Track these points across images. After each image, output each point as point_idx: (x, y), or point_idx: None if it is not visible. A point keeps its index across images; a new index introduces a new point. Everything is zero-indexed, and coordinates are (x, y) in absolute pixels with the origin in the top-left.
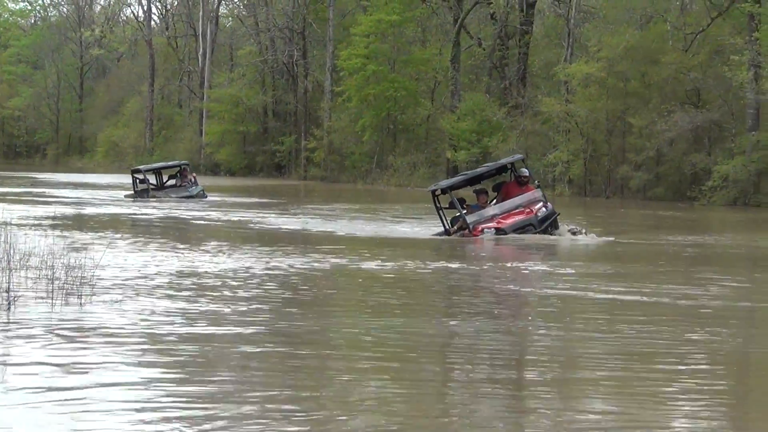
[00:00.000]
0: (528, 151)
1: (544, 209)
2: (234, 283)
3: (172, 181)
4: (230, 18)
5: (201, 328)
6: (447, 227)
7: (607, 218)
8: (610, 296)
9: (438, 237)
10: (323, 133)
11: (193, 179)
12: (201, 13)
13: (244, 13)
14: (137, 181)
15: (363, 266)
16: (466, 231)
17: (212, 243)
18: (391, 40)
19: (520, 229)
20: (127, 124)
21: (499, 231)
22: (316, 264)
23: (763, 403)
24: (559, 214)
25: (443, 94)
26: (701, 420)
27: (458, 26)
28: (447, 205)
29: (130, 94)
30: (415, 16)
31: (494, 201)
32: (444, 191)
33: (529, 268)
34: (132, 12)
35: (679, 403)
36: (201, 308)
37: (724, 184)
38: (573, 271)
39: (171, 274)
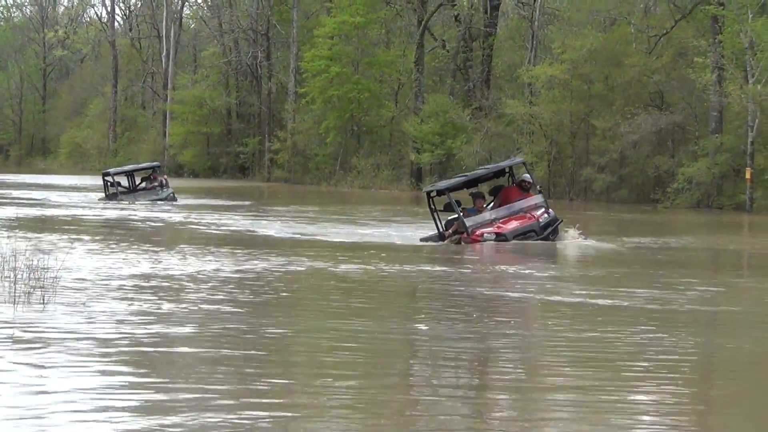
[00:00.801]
0: (492, 153)
1: (546, 215)
2: (199, 286)
3: (144, 184)
4: (194, 19)
5: (164, 330)
6: (441, 231)
7: (572, 222)
8: (583, 300)
9: (428, 242)
10: (287, 135)
11: (164, 181)
12: (164, 14)
13: (207, 14)
14: (108, 184)
15: (346, 272)
16: (464, 235)
17: (180, 246)
18: (354, 42)
19: (522, 235)
20: (91, 125)
21: (499, 236)
22: (295, 267)
23: (726, 407)
24: (561, 221)
25: (407, 95)
26: (664, 423)
27: (422, 28)
28: (442, 208)
29: (93, 95)
30: (379, 17)
31: (491, 205)
32: (440, 193)
33: (508, 271)
34: (95, 13)
35: (642, 407)
36: (164, 310)
37: (687, 187)
38: (550, 275)
39: (136, 277)
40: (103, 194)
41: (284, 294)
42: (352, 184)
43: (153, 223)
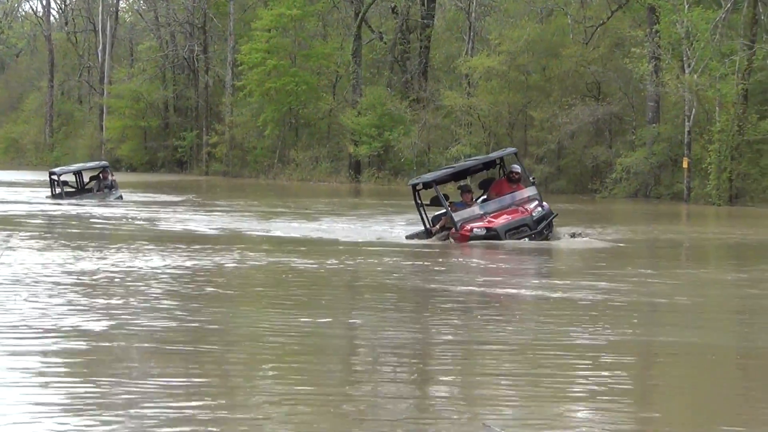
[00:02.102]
0: (430, 145)
1: (540, 209)
2: (141, 281)
3: (93, 183)
4: (130, 13)
5: (100, 325)
6: (428, 226)
7: None
8: (535, 292)
9: (414, 240)
10: (225, 128)
11: (113, 182)
12: (100, 8)
13: (144, 7)
14: (54, 183)
15: (334, 273)
16: (452, 231)
17: (124, 243)
18: (292, 35)
19: (514, 229)
20: (27, 120)
21: (489, 231)
22: (239, 263)
23: (666, 398)
24: (556, 215)
25: (345, 88)
26: (604, 414)
27: (359, 20)
28: (428, 202)
29: (29, 90)
30: (316, 10)
31: (480, 199)
32: (427, 185)
33: (470, 264)
34: (31, 7)
35: (582, 396)
36: (101, 305)
37: (625, 177)
38: (509, 267)
39: (76, 273)
40: (49, 193)
41: (228, 289)
42: (290, 177)
43: (97, 220)
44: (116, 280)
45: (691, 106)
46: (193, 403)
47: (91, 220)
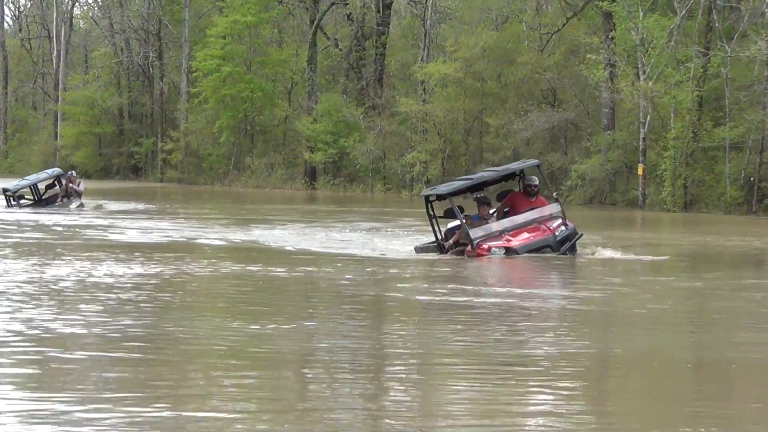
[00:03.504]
0: (385, 152)
1: (563, 228)
2: (98, 291)
3: (53, 190)
4: (84, 20)
5: (58, 334)
6: (441, 240)
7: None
8: (501, 300)
9: (424, 253)
10: (180, 135)
11: (75, 189)
12: (55, 14)
13: (98, 14)
14: (10, 199)
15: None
16: (468, 248)
17: (83, 252)
18: (247, 41)
19: (535, 250)
20: None
21: (509, 251)
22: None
23: (619, 404)
24: (581, 236)
25: (300, 95)
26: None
27: (315, 27)
28: (442, 214)
29: None
30: (272, 17)
31: (494, 213)
32: (441, 198)
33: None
34: None
35: (533, 402)
36: (58, 315)
37: (581, 183)
38: (467, 276)
39: (30, 283)
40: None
41: (188, 297)
42: (246, 184)
43: (56, 229)
44: (66, 290)
45: (646, 112)
46: (149, 410)
47: (53, 228)
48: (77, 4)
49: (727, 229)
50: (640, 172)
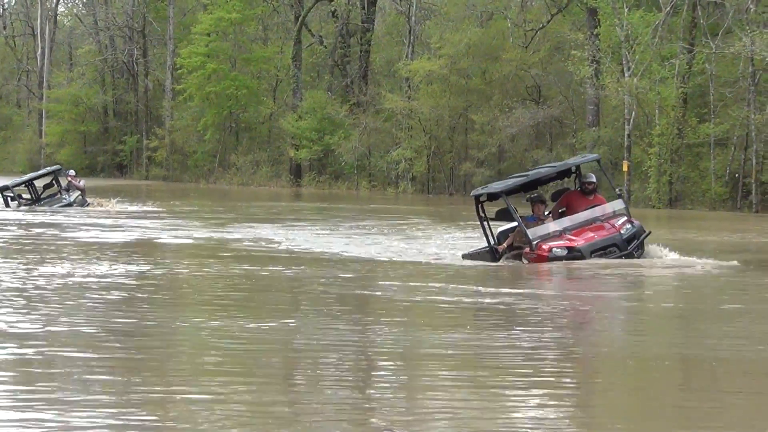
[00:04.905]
0: (371, 149)
1: (629, 226)
2: (84, 289)
3: (51, 189)
4: (69, 17)
5: (35, 330)
6: (493, 245)
7: (452, 214)
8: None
9: (474, 259)
10: (165, 133)
11: (73, 184)
12: (39, 11)
13: (83, 11)
14: (8, 198)
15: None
16: (526, 250)
17: (69, 253)
18: (232, 39)
19: (601, 250)
20: None
21: (572, 252)
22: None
23: (606, 402)
24: (649, 233)
25: (285, 92)
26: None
27: (299, 24)
28: (493, 216)
29: None
30: (256, 14)
31: (549, 213)
32: (493, 197)
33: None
34: None
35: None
36: (38, 311)
37: (567, 180)
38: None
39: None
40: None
41: (178, 293)
42: (231, 182)
43: (44, 231)
44: (51, 289)
45: (631, 109)
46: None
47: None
48: (62, 1)
49: (714, 225)
50: (625, 168)
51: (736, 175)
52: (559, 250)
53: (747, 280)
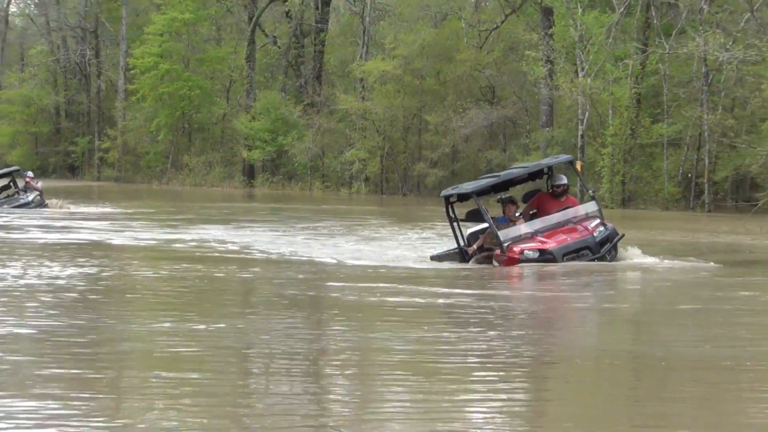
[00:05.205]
0: (324, 149)
1: (602, 228)
2: (32, 294)
3: (7, 191)
4: (21, 17)
5: None
6: (463, 246)
7: (407, 214)
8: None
9: (443, 261)
10: (117, 133)
11: (26, 186)
12: None
13: (35, 11)
14: None
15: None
16: (497, 252)
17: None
18: (185, 39)
19: (573, 252)
20: None
21: (544, 254)
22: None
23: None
24: (622, 236)
25: (238, 92)
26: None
27: (253, 24)
28: (463, 217)
29: None
30: (210, 14)
31: (520, 215)
32: (463, 198)
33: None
34: None
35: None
36: None
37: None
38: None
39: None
40: None
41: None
42: (183, 182)
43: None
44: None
45: (584, 109)
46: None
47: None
48: (13, 1)
49: (667, 224)
50: (578, 168)
51: (689, 175)
52: (530, 252)
53: (706, 280)
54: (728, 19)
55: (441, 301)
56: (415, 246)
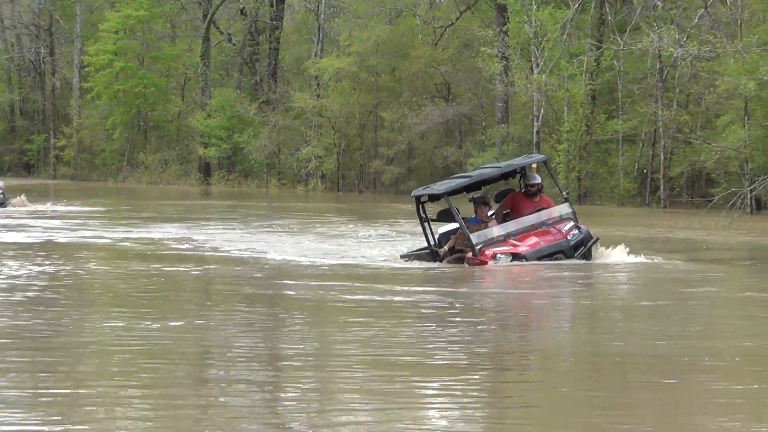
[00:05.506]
0: (280, 147)
1: (576, 231)
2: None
3: None
4: None
5: None
6: (433, 247)
7: (364, 211)
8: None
9: (413, 260)
10: (73, 131)
11: None
12: None
13: None
14: None
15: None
16: (468, 254)
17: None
18: (140, 36)
19: (547, 257)
20: None
21: (517, 258)
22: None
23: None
24: (597, 240)
25: (193, 90)
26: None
27: (208, 22)
28: (435, 217)
29: None
30: (164, 11)
31: (493, 215)
32: (434, 198)
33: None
34: None
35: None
36: None
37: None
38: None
39: None
40: None
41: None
42: (139, 180)
43: None
44: None
45: (540, 106)
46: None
47: None
48: None
49: (623, 220)
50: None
51: (645, 171)
52: (503, 256)
53: (671, 276)
54: (682, 16)
55: (398, 298)
56: (376, 244)
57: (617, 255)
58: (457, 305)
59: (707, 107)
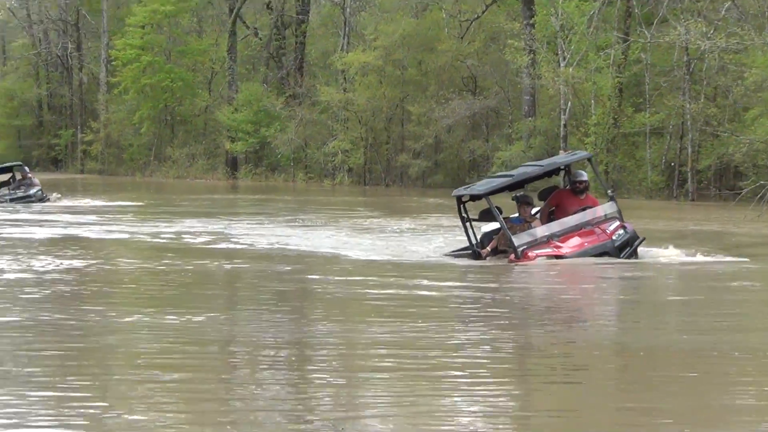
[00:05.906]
0: (307, 141)
1: (621, 231)
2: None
3: (6, 187)
4: (2, 10)
5: None
6: (476, 247)
7: (392, 205)
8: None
9: (457, 261)
10: (100, 126)
11: (29, 180)
12: None
13: (15, 5)
14: None
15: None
16: (511, 256)
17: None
18: (166, 31)
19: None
20: None
21: (560, 260)
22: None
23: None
24: (643, 240)
25: (220, 84)
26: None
27: (234, 16)
28: (477, 216)
29: None
30: (191, 6)
31: (537, 214)
32: (475, 198)
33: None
34: None
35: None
36: None
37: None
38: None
39: None
40: None
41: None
42: (167, 175)
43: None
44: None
45: (567, 99)
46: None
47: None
48: None
49: (652, 214)
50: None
51: (672, 163)
52: (546, 259)
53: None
54: (709, 8)
55: (422, 293)
56: (412, 238)
57: (666, 254)
58: (494, 302)
59: (735, 100)
